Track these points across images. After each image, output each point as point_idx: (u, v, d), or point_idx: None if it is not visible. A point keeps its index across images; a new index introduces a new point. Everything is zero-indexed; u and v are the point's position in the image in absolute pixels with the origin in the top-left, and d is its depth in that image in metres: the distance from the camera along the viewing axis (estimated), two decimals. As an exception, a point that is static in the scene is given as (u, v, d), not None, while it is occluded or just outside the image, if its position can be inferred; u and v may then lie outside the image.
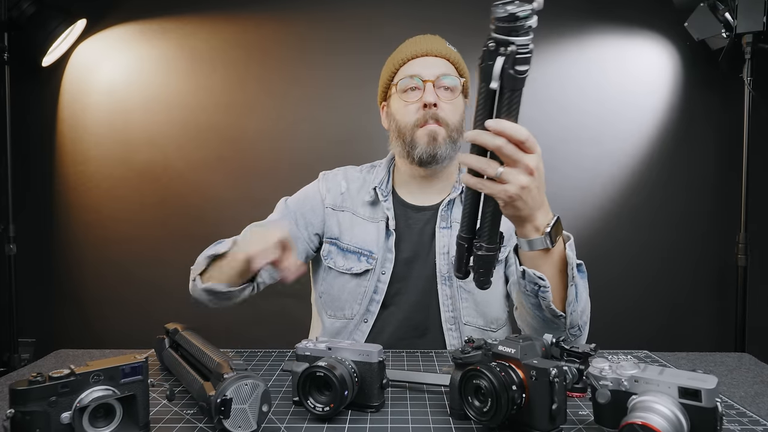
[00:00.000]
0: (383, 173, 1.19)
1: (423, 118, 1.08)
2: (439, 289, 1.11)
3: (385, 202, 1.14)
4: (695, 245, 2.19)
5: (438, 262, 1.11)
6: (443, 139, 1.08)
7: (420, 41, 1.15)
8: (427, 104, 1.07)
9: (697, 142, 2.18)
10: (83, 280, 2.28)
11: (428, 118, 1.08)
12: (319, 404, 0.69)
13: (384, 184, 1.17)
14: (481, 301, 1.11)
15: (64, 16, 2.10)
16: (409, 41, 1.17)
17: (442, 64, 1.12)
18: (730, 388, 0.84)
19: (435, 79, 1.09)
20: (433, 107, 1.07)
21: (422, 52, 1.12)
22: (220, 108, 2.24)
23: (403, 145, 1.11)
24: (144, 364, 0.64)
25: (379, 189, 1.16)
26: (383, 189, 1.16)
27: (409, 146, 1.09)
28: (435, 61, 1.12)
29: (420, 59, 1.12)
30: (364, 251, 1.13)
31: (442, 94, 1.09)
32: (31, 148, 2.25)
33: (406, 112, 1.10)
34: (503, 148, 0.69)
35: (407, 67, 1.12)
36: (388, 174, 1.19)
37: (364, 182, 1.19)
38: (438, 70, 1.10)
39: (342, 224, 1.16)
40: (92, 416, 0.60)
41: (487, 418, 0.64)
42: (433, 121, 1.08)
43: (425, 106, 1.07)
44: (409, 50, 1.13)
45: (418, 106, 1.09)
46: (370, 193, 1.16)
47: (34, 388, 0.57)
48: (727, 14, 1.91)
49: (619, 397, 0.60)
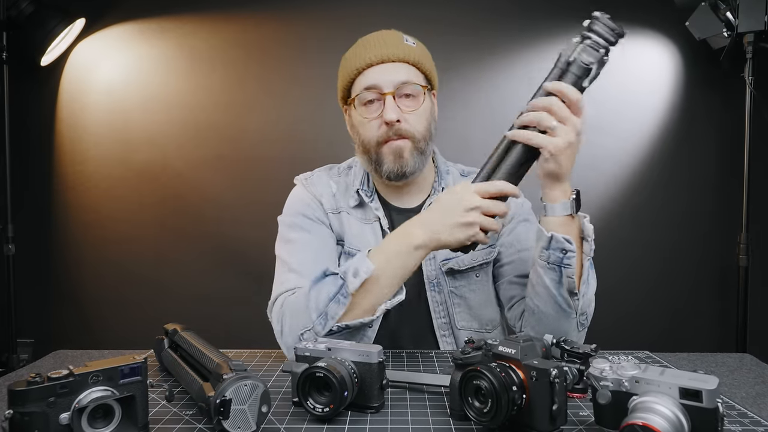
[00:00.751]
0: (361, 173, 1.13)
1: (385, 134, 1.01)
2: (429, 296, 1.09)
3: (372, 202, 1.10)
4: (697, 245, 2.19)
5: (425, 269, 1.08)
6: (409, 153, 1.02)
7: (374, 45, 1.04)
8: (388, 122, 1.00)
9: (699, 141, 2.18)
10: (82, 281, 2.28)
11: (391, 134, 1.01)
12: (318, 405, 0.69)
13: (365, 185, 1.11)
14: (475, 305, 1.10)
15: (62, 16, 2.10)
16: (362, 43, 1.06)
17: (401, 69, 1.02)
18: (731, 389, 0.84)
19: (395, 90, 1.01)
20: (396, 123, 1.00)
21: (377, 59, 1.02)
22: (219, 107, 2.24)
23: (369, 160, 1.05)
24: (143, 365, 0.63)
25: (362, 190, 1.10)
26: (366, 190, 1.11)
27: (376, 163, 1.04)
28: (393, 68, 1.02)
29: (376, 67, 1.02)
30: None
31: (404, 104, 1.02)
32: (30, 147, 2.24)
33: (368, 128, 1.03)
34: (555, 106, 0.82)
35: (363, 78, 1.03)
36: (366, 173, 1.13)
37: (346, 185, 1.13)
38: (397, 78, 1.01)
39: (343, 226, 1.11)
40: (91, 417, 0.60)
41: (487, 418, 0.63)
42: (397, 136, 1.01)
43: (387, 123, 1.00)
44: (363, 57, 1.02)
45: (380, 122, 1.01)
46: (354, 196, 1.11)
47: (32, 389, 0.57)
48: (729, 13, 1.90)
49: (619, 397, 0.60)
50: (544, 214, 0.90)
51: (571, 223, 0.89)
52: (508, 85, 2.20)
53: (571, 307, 0.90)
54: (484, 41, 2.19)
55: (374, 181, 1.13)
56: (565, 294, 0.89)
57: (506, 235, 1.11)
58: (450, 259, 1.08)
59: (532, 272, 0.94)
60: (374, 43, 1.04)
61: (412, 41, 1.07)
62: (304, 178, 1.16)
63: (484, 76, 2.20)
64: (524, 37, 2.19)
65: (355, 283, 0.87)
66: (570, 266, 0.88)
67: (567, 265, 0.87)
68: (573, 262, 0.88)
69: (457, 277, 1.09)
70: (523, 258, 1.08)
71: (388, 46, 1.03)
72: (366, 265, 0.88)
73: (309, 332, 0.90)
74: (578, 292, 0.90)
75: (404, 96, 1.02)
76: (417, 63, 1.05)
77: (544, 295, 0.91)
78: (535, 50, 2.20)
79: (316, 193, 1.12)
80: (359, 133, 1.06)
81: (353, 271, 0.88)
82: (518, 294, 1.06)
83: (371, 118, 1.03)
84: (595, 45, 0.83)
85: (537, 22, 2.19)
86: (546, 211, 0.90)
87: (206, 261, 2.24)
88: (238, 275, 2.21)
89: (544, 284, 0.90)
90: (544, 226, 0.89)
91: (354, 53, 1.06)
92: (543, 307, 0.92)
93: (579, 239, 0.90)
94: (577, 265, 0.89)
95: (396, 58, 1.02)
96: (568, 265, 0.87)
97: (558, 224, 0.88)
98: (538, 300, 0.92)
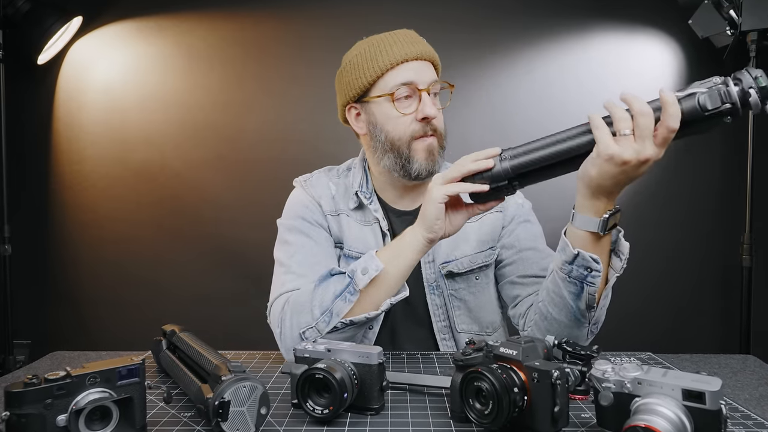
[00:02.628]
0: (360, 175, 1.12)
1: (422, 130, 1.01)
2: (428, 299, 1.08)
3: (371, 204, 1.09)
4: (700, 245, 2.17)
5: (424, 272, 1.08)
6: (438, 152, 1.03)
7: (406, 42, 1.03)
8: (427, 117, 1.00)
9: (702, 140, 2.17)
10: (79, 281, 2.27)
11: (428, 130, 1.01)
12: (318, 407, 0.69)
13: (364, 187, 1.10)
14: (475, 307, 1.09)
15: (59, 14, 2.09)
16: (388, 39, 1.04)
17: (430, 68, 1.04)
18: (734, 391, 0.83)
19: (429, 87, 1.01)
20: (433, 119, 1.01)
21: (413, 55, 1.01)
22: (217, 107, 2.23)
23: (397, 158, 1.02)
24: (141, 366, 0.63)
25: (361, 192, 1.09)
26: (365, 192, 1.10)
27: (405, 160, 1.02)
28: (426, 66, 1.03)
29: (412, 63, 1.01)
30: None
31: (435, 103, 1.03)
32: (27, 147, 2.23)
33: (400, 123, 1.01)
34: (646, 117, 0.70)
35: (398, 73, 1.01)
36: (365, 175, 1.12)
37: (345, 186, 1.12)
38: (430, 77, 1.02)
39: (342, 228, 1.10)
40: (88, 419, 0.59)
41: (488, 420, 0.63)
42: (432, 132, 1.02)
43: (424, 118, 1.00)
44: (397, 53, 1.01)
45: (412, 118, 1.01)
46: (353, 198, 1.10)
47: (29, 391, 0.56)
48: (732, 11, 1.88)
49: (621, 399, 0.60)
50: (570, 220, 0.82)
51: (602, 239, 0.81)
52: (509, 84, 2.20)
53: (585, 318, 0.87)
54: (485, 39, 2.18)
55: (374, 183, 1.12)
56: (583, 307, 0.85)
57: (507, 236, 1.11)
58: (449, 262, 1.08)
59: (549, 279, 0.89)
60: (404, 40, 1.03)
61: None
62: (303, 179, 1.15)
63: (485, 74, 2.19)
64: (526, 35, 2.19)
65: (365, 280, 0.87)
66: (594, 285, 0.82)
67: (590, 283, 0.82)
68: (598, 282, 0.82)
69: (457, 279, 1.09)
70: (524, 258, 1.08)
71: (419, 44, 1.04)
72: (375, 263, 0.88)
73: (311, 330, 0.90)
74: (596, 306, 0.85)
75: (434, 94, 1.03)
76: (437, 64, 1.07)
77: (560, 304, 0.87)
78: (537, 49, 2.19)
79: (315, 195, 1.11)
80: (386, 131, 1.03)
81: (362, 269, 0.88)
82: (521, 294, 1.06)
83: (407, 113, 1.01)
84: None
85: (539, 20, 2.18)
86: (571, 218, 0.82)
87: (205, 261, 2.23)
88: (236, 276, 2.20)
89: (561, 295, 0.86)
90: (569, 238, 0.82)
91: (379, 51, 1.02)
92: (557, 314, 0.89)
93: (608, 254, 0.84)
94: (602, 281, 0.83)
95: (427, 56, 1.04)
96: (592, 283, 0.82)
97: (583, 238, 0.81)
98: (552, 308, 0.89)
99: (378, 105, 1.03)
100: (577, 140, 0.76)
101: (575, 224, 0.81)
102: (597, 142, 0.72)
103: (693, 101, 0.69)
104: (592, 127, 0.73)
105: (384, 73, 1.01)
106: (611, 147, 0.71)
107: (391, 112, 1.02)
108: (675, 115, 0.69)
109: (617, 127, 0.72)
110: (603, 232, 0.79)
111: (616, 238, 0.85)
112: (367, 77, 1.02)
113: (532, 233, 1.11)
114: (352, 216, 1.10)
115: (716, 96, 0.68)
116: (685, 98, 0.70)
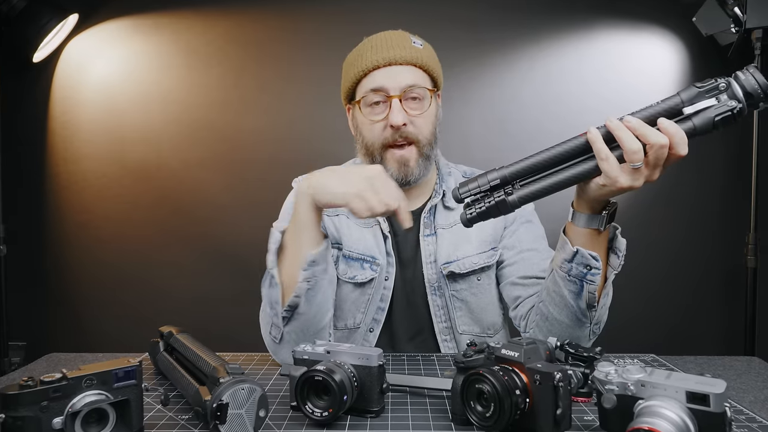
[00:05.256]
0: None
1: (391, 138, 1.00)
2: (430, 300, 1.08)
3: None
4: (704, 246, 2.17)
5: (425, 272, 1.08)
6: (415, 161, 1.02)
7: (381, 46, 1.02)
8: (395, 126, 0.99)
9: (706, 139, 2.15)
10: (75, 282, 2.25)
11: (396, 138, 1.00)
12: (317, 409, 0.68)
13: None
14: (476, 308, 1.09)
15: (55, 11, 2.07)
16: (369, 44, 1.04)
17: (408, 72, 1.01)
18: (739, 393, 0.83)
19: (402, 93, 0.99)
20: (402, 126, 0.99)
21: (384, 61, 1.00)
22: (215, 106, 2.22)
23: (372, 163, 1.03)
24: (138, 368, 0.63)
25: None
26: None
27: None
28: (400, 71, 1.01)
29: (383, 70, 1.00)
30: (367, 257, 1.08)
31: (410, 107, 1.00)
32: (22, 146, 2.21)
33: (373, 131, 1.02)
34: (659, 151, 0.70)
35: (369, 80, 1.01)
36: None
37: None
38: (405, 81, 1.00)
39: (341, 228, 1.10)
40: (84, 421, 0.59)
41: (489, 423, 0.62)
42: (403, 140, 1.00)
43: (393, 126, 0.99)
44: (369, 59, 1.01)
45: (385, 125, 1.00)
46: None
47: (25, 393, 0.56)
48: (737, 9, 1.87)
49: (625, 401, 0.59)
50: (569, 219, 0.83)
51: (600, 235, 0.82)
52: (510, 83, 2.19)
53: (587, 317, 0.87)
54: (485, 38, 2.18)
55: None
56: (583, 306, 0.85)
57: (508, 237, 1.11)
58: (451, 262, 1.08)
59: (549, 279, 0.89)
60: (381, 45, 1.02)
61: (419, 42, 1.06)
62: (303, 179, 1.14)
63: (485, 73, 2.19)
64: (527, 34, 2.18)
65: (271, 258, 0.87)
66: (593, 282, 0.83)
67: (590, 281, 0.83)
68: (597, 279, 0.83)
69: (458, 280, 1.08)
70: (525, 259, 1.07)
71: (395, 48, 1.02)
72: (274, 237, 0.88)
73: (273, 327, 0.91)
74: (597, 305, 0.86)
75: (410, 99, 1.01)
76: (424, 65, 1.04)
77: (561, 304, 0.87)
78: (537, 47, 2.19)
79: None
80: (363, 135, 1.05)
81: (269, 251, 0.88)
82: (522, 295, 1.05)
83: (376, 121, 1.01)
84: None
85: (541, 17, 2.18)
86: (571, 217, 0.82)
87: (202, 262, 2.22)
88: (234, 277, 2.19)
89: (561, 294, 0.86)
90: (569, 236, 0.83)
91: (360, 54, 1.04)
92: (557, 315, 0.89)
93: (606, 251, 0.84)
94: (601, 279, 0.84)
95: (403, 60, 1.01)
96: (592, 281, 0.83)
97: (583, 235, 0.81)
98: (553, 308, 0.89)
99: (358, 112, 1.05)
100: (582, 167, 0.75)
101: (574, 221, 0.82)
102: (605, 174, 0.72)
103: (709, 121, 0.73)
104: (599, 159, 0.72)
105: (360, 79, 1.03)
106: (621, 180, 0.71)
107: (364, 118, 1.03)
108: (683, 143, 0.72)
109: (629, 158, 0.70)
110: (602, 227, 0.80)
111: (614, 235, 0.85)
112: (348, 82, 1.05)
113: (534, 234, 1.11)
114: (352, 217, 1.10)
115: (728, 119, 0.71)
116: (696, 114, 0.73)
